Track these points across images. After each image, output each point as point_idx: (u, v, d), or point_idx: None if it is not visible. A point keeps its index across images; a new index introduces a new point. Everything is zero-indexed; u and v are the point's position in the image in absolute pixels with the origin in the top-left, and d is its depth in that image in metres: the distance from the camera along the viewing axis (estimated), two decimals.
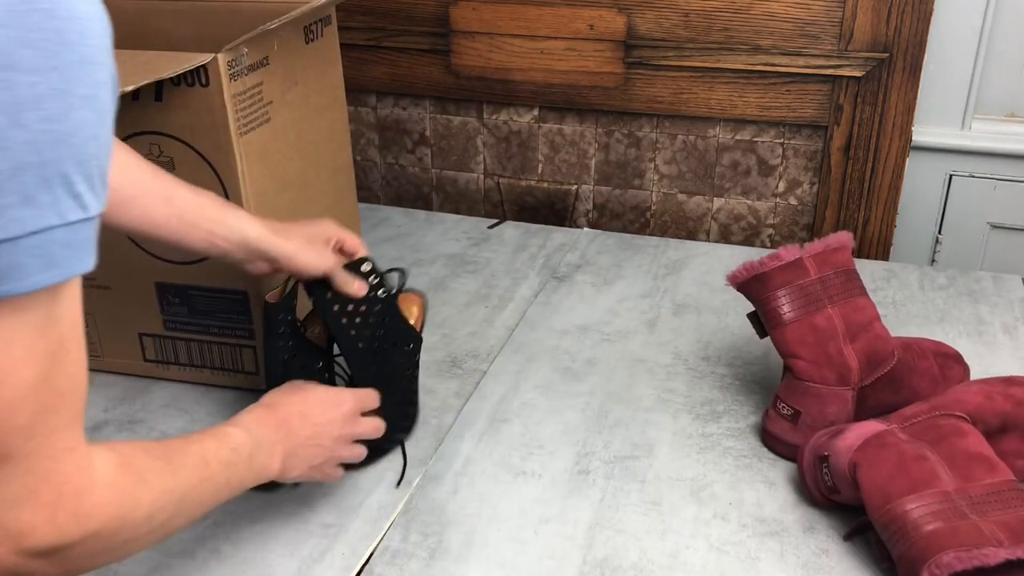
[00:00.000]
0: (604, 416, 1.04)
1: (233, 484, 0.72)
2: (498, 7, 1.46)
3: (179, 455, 0.66)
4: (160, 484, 0.61)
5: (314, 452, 0.81)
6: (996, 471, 0.81)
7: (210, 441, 0.70)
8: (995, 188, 1.43)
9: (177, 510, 0.64)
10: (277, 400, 0.81)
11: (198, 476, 0.66)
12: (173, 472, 0.63)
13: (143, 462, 0.61)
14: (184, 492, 0.64)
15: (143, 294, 1.05)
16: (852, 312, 0.95)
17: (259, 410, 0.79)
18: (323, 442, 0.81)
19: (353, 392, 0.87)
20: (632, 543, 0.86)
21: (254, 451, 0.74)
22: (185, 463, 0.66)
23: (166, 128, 0.95)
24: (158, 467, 0.62)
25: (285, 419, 0.79)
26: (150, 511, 0.60)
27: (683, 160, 1.50)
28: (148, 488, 0.60)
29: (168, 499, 0.62)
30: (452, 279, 1.34)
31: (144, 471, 0.60)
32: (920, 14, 1.31)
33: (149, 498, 0.60)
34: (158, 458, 0.63)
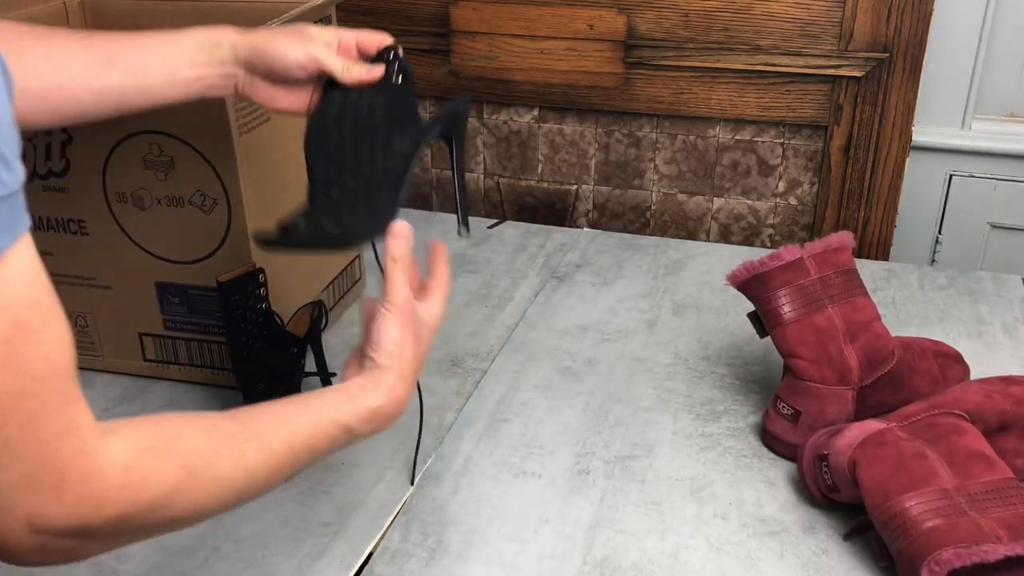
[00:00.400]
0: (604, 416, 1.04)
1: (325, 455, 0.68)
2: (498, 7, 1.46)
3: (255, 438, 0.62)
4: (210, 472, 0.58)
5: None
6: (995, 469, 0.81)
7: (306, 430, 0.65)
8: (995, 188, 1.43)
9: (242, 492, 0.61)
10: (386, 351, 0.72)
11: (276, 464, 0.63)
12: (235, 460, 0.60)
13: (193, 446, 0.58)
14: (251, 478, 0.61)
15: (143, 294, 1.05)
16: (852, 312, 0.95)
17: (374, 375, 0.71)
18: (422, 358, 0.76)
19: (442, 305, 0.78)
20: (632, 543, 0.86)
21: (358, 428, 0.69)
22: (261, 448, 0.62)
23: (166, 128, 0.95)
24: (213, 453, 0.59)
25: (397, 385, 0.72)
26: (191, 498, 0.57)
27: (683, 160, 1.50)
28: (190, 475, 0.57)
29: (222, 487, 0.59)
30: (452, 279, 1.33)
31: (190, 457, 0.57)
32: (920, 14, 1.32)
33: (190, 484, 0.57)
34: (221, 442, 0.60)
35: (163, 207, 0.99)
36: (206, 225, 0.99)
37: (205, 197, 0.98)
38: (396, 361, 0.71)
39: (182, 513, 0.57)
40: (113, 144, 0.98)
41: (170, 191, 0.98)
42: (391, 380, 0.71)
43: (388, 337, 0.72)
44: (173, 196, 0.99)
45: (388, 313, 0.72)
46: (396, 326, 0.72)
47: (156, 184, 0.99)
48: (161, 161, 0.97)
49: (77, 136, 0.98)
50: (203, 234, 1.00)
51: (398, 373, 0.71)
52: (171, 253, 1.02)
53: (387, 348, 0.71)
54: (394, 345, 0.71)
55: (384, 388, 0.70)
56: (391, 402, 0.70)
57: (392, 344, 0.71)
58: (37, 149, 1.00)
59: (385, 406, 0.70)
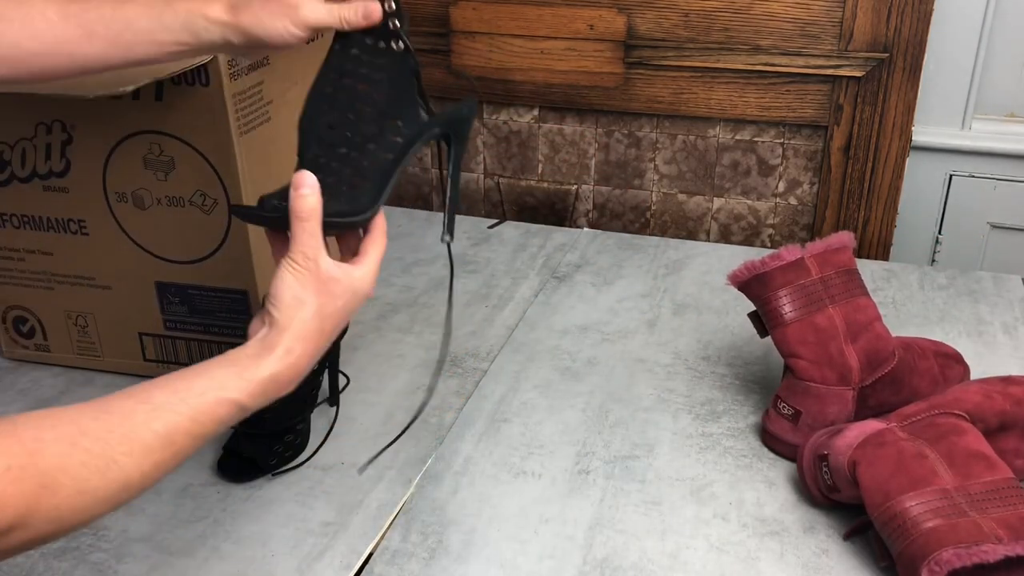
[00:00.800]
0: (604, 416, 1.04)
1: (214, 436, 0.63)
2: (498, 7, 1.46)
3: (125, 440, 0.57)
4: (74, 485, 0.54)
5: (335, 329, 0.71)
6: (995, 469, 0.81)
7: (186, 419, 0.60)
8: (995, 188, 1.43)
9: (116, 498, 0.57)
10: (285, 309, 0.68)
11: (152, 461, 0.58)
12: (104, 469, 0.55)
13: (55, 460, 0.54)
14: (124, 484, 0.57)
15: (143, 294, 1.05)
16: (853, 312, 0.95)
17: (269, 336, 0.67)
18: (347, 316, 0.71)
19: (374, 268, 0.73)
20: (632, 543, 0.86)
21: (250, 403, 0.65)
22: (132, 452, 0.57)
23: (166, 128, 0.95)
24: (80, 464, 0.54)
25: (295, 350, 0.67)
26: (55, 515, 0.53)
27: (683, 160, 1.50)
28: (52, 492, 0.53)
29: (90, 499, 0.55)
30: (454, 279, 1.34)
31: (51, 474, 0.53)
32: (920, 14, 1.32)
33: (52, 502, 0.53)
34: (88, 450, 0.55)
35: (163, 207, 0.99)
36: (206, 225, 0.99)
37: (205, 197, 0.98)
38: (294, 318, 0.67)
39: (46, 532, 0.54)
40: (113, 144, 0.98)
41: (170, 191, 0.98)
42: (287, 342, 0.66)
43: (288, 291, 0.67)
44: (173, 196, 0.99)
45: (290, 266, 0.68)
46: (297, 281, 0.67)
47: (156, 184, 0.98)
48: (161, 161, 0.97)
49: (77, 136, 0.98)
50: (203, 234, 1.00)
51: (295, 333, 0.66)
52: (171, 253, 1.02)
53: (285, 302, 0.67)
54: (294, 299, 0.67)
55: (278, 353, 0.65)
56: (286, 368, 0.66)
57: (292, 299, 0.67)
58: (37, 149, 1.00)
59: (280, 373, 0.65)
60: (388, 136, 0.78)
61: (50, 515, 0.53)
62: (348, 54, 0.79)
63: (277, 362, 0.65)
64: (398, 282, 1.33)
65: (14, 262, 1.07)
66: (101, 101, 0.95)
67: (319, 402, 1.04)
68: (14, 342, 1.13)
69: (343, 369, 1.10)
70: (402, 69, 0.79)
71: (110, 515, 0.89)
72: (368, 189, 0.75)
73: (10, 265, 1.07)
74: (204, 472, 0.96)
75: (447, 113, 0.82)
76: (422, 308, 1.26)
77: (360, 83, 0.79)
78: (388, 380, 1.10)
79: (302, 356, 0.67)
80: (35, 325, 1.11)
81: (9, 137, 1.00)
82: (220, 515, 0.90)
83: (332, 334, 0.70)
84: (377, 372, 1.12)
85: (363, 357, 1.15)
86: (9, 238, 1.06)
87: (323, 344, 0.69)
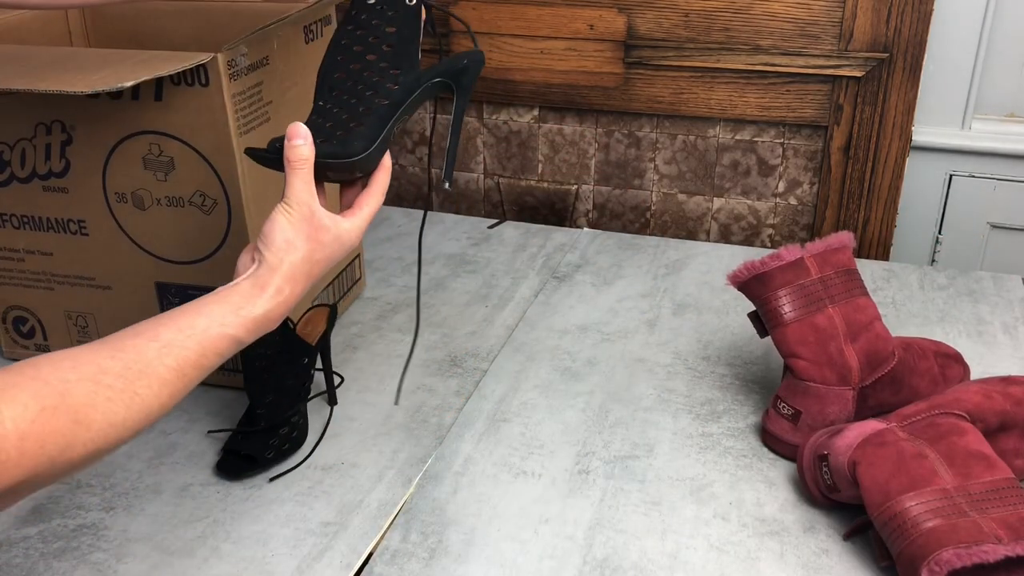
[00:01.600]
0: (604, 416, 1.04)
1: (214, 368, 0.68)
2: (498, 7, 1.46)
3: (142, 376, 0.61)
4: (105, 419, 0.59)
5: (319, 272, 0.76)
6: (995, 469, 0.81)
7: (194, 352, 0.65)
8: (995, 188, 1.43)
9: (139, 426, 0.61)
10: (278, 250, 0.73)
11: (168, 392, 0.63)
12: (128, 402, 0.60)
13: (84, 398, 0.58)
14: (146, 413, 0.61)
15: (143, 294, 1.05)
16: (853, 312, 0.95)
17: (262, 274, 0.72)
18: (333, 257, 0.77)
19: (367, 214, 0.79)
20: (632, 543, 0.86)
21: (246, 338, 0.70)
22: (151, 385, 0.62)
23: (166, 128, 0.95)
24: (106, 400, 0.59)
25: (289, 288, 0.73)
26: (92, 447, 0.58)
27: (683, 160, 1.50)
28: (86, 427, 0.57)
29: (119, 429, 0.60)
30: (452, 279, 1.34)
31: (82, 410, 0.57)
32: (920, 14, 1.32)
33: (87, 436, 0.57)
34: (111, 387, 0.59)
35: (163, 207, 0.99)
36: (206, 225, 0.99)
37: (205, 197, 0.98)
38: (284, 260, 0.72)
39: (83, 460, 0.58)
40: (113, 144, 0.98)
41: (170, 191, 0.98)
42: (277, 282, 0.71)
43: (280, 234, 0.72)
44: (173, 196, 0.99)
45: (283, 210, 0.73)
46: (290, 225, 0.73)
47: (156, 184, 0.98)
48: (161, 161, 0.97)
49: (77, 136, 0.98)
50: (203, 234, 1.00)
51: (284, 274, 0.72)
52: (171, 253, 1.02)
53: (277, 244, 0.72)
54: (284, 242, 0.72)
55: (270, 292, 0.71)
56: (276, 306, 0.71)
57: (283, 241, 0.72)
58: (37, 149, 1.00)
59: (271, 311, 0.71)
60: (386, 84, 0.81)
61: (87, 447, 0.58)
62: (365, 4, 0.82)
63: (269, 301, 0.71)
64: (398, 282, 1.33)
65: (14, 262, 1.07)
66: (101, 101, 0.95)
67: (313, 396, 1.04)
68: (14, 342, 1.13)
69: (340, 370, 1.10)
70: (411, 22, 0.82)
71: (110, 515, 0.89)
72: (361, 134, 0.78)
73: (10, 265, 1.07)
74: (204, 472, 0.96)
75: (445, 63, 0.85)
76: (422, 308, 1.26)
77: (372, 35, 0.82)
78: (388, 380, 1.10)
79: (290, 296, 0.72)
80: (35, 325, 1.11)
81: (9, 137, 1.00)
82: (220, 515, 0.90)
83: (317, 279, 0.75)
84: (377, 372, 1.12)
85: (363, 357, 1.15)
86: (9, 238, 1.06)
87: (307, 287, 0.74)
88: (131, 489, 0.93)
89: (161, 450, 0.99)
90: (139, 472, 0.96)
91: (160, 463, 0.97)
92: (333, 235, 0.75)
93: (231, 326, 0.68)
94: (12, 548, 0.86)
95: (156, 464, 0.97)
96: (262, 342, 0.94)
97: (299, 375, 0.99)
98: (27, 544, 0.86)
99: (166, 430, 1.02)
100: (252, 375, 0.95)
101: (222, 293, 0.70)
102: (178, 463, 0.97)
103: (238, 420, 0.99)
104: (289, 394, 0.98)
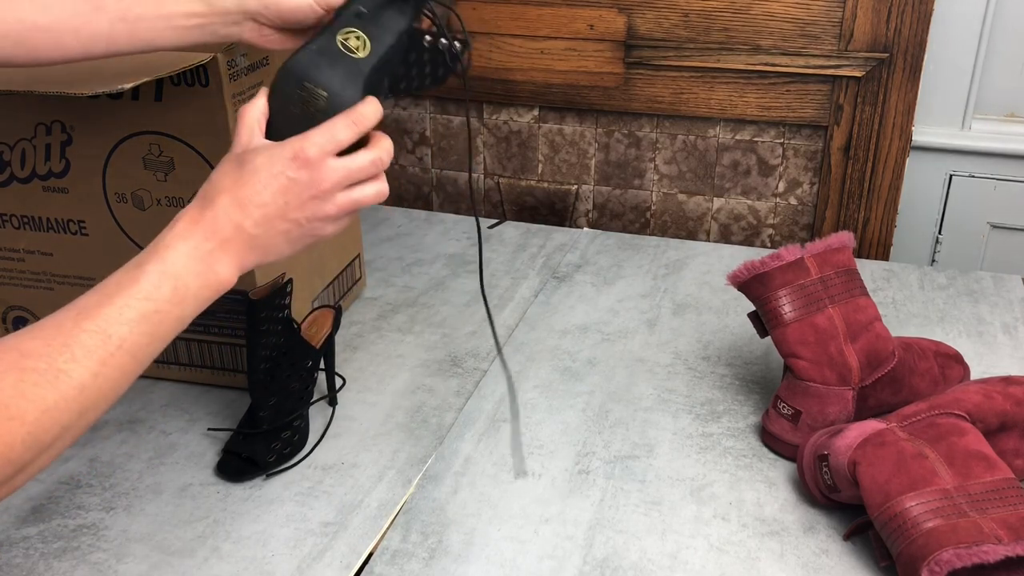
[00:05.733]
0: (604, 416, 1.04)
1: (163, 332, 0.62)
2: (498, 7, 1.46)
3: (64, 348, 0.57)
4: (36, 407, 0.55)
5: (284, 229, 0.66)
6: (995, 469, 0.81)
7: (113, 303, 0.60)
8: (995, 188, 1.43)
9: (80, 411, 0.57)
10: (207, 191, 0.66)
11: (97, 360, 0.58)
12: (54, 379, 0.55)
13: (9, 387, 0.54)
14: (79, 391, 0.57)
15: None
16: (853, 312, 0.95)
17: (188, 214, 0.65)
18: (288, 216, 0.66)
19: (310, 136, 0.67)
20: (632, 543, 0.86)
21: (179, 283, 0.63)
22: (74, 356, 0.57)
23: (166, 128, 0.95)
24: (30, 385, 0.55)
25: (214, 217, 0.65)
26: (30, 441, 0.54)
27: (683, 160, 1.50)
28: (19, 422, 0.54)
29: (54, 415, 0.56)
30: (452, 279, 1.34)
31: (9, 403, 0.54)
32: (920, 14, 1.32)
33: (23, 432, 0.54)
34: (33, 369, 0.55)
35: (163, 207, 0.99)
36: None
37: None
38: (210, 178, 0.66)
39: (30, 460, 0.55)
40: (113, 144, 0.98)
41: (170, 191, 0.98)
42: (185, 210, 0.65)
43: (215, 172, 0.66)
44: (173, 196, 0.99)
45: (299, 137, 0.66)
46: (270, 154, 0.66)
47: (156, 184, 0.98)
48: (161, 161, 0.97)
49: (77, 136, 0.98)
50: None
51: (195, 200, 0.65)
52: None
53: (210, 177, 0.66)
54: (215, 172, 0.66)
55: (187, 210, 0.65)
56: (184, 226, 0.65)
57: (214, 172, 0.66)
58: (37, 149, 1.00)
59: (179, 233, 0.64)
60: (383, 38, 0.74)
61: (27, 442, 0.54)
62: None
63: (184, 214, 0.65)
64: (398, 282, 1.33)
65: (14, 262, 1.07)
66: (101, 102, 0.95)
67: (315, 399, 1.04)
68: None
69: (340, 370, 1.10)
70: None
71: (110, 515, 0.89)
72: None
73: (10, 265, 1.07)
74: (204, 472, 0.96)
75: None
76: (422, 308, 1.26)
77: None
78: (388, 380, 1.10)
79: (201, 218, 0.65)
80: None
81: (9, 138, 1.00)
82: (220, 515, 0.90)
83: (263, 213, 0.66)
84: (377, 372, 1.12)
85: (363, 357, 1.15)
86: (9, 238, 1.06)
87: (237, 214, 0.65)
88: (131, 489, 0.93)
89: (161, 450, 0.99)
90: (139, 472, 0.96)
91: (160, 463, 0.97)
92: (265, 155, 0.66)
93: (141, 262, 0.63)
94: (12, 548, 0.86)
95: (156, 464, 0.97)
96: (266, 344, 0.94)
97: (303, 378, 0.99)
98: (27, 544, 0.86)
99: (166, 430, 1.02)
100: (256, 377, 0.95)
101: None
102: (178, 463, 0.97)
103: (239, 420, 0.99)
104: (292, 397, 0.98)
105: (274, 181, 0.65)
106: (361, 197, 0.69)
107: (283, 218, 0.66)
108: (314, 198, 0.67)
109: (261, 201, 0.65)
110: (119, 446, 0.99)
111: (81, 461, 0.97)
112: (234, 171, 0.66)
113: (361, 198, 0.69)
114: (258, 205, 0.65)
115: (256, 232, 0.66)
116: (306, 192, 0.66)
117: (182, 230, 0.64)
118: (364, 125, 0.69)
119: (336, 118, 0.68)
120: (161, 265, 0.63)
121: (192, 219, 0.65)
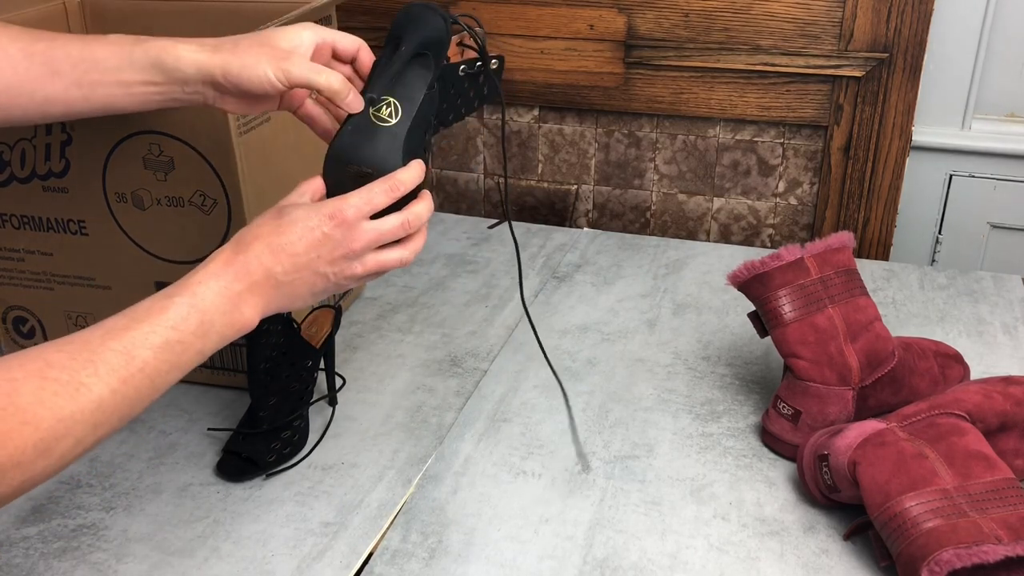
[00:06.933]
0: (604, 416, 1.04)
1: (183, 363, 0.65)
2: (498, 7, 1.46)
3: (89, 363, 0.59)
4: (52, 415, 0.57)
5: (310, 281, 0.71)
6: (995, 469, 0.81)
7: (140, 327, 0.63)
8: (995, 188, 1.43)
9: (94, 425, 0.59)
10: (244, 235, 0.71)
11: (118, 378, 0.60)
12: (75, 391, 0.58)
13: (29, 394, 0.56)
14: (96, 405, 0.59)
15: (143, 294, 1.04)
16: (853, 312, 0.95)
17: (223, 255, 0.70)
18: (318, 269, 0.71)
19: (348, 198, 0.72)
20: (632, 543, 0.86)
21: (205, 318, 0.66)
22: (97, 371, 0.59)
23: (166, 128, 0.95)
24: (50, 394, 0.57)
25: (247, 260, 0.69)
26: (41, 447, 0.56)
27: (683, 160, 1.50)
28: (33, 427, 0.55)
29: (68, 426, 0.57)
30: (452, 279, 1.34)
31: (27, 408, 0.56)
32: (920, 14, 1.32)
33: (35, 437, 0.56)
34: (55, 379, 0.58)
35: (163, 207, 0.99)
36: (206, 225, 0.99)
37: (205, 197, 0.98)
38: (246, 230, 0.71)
39: (40, 466, 0.57)
40: (113, 144, 0.98)
41: (170, 191, 0.98)
42: (221, 251, 0.70)
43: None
44: (173, 196, 0.99)
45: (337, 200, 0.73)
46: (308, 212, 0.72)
47: (156, 184, 0.98)
48: (161, 161, 0.97)
49: (77, 136, 0.98)
50: (203, 234, 1.00)
51: (232, 242, 0.70)
52: (171, 253, 1.02)
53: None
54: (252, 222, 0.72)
55: (221, 252, 0.70)
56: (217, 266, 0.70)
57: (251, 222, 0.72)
58: (37, 149, 1.00)
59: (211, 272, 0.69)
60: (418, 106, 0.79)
61: (38, 448, 0.56)
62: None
63: (218, 254, 0.69)
64: (398, 282, 1.33)
65: (14, 262, 1.07)
66: None
67: (315, 399, 1.04)
68: (14, 342, 1.13)
69: (340, 370, 1.10)
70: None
71: (110, 515, 0.89)
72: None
73: (10, 265, 1.07)
74: (204, 472, 0.96)
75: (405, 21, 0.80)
76: (422, 308, 1.26)
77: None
78: (388, 380, 1.10)
79: (234, 260, 0.69)
80: (35, 325, 1.11)
81: (9, 137, 1.00)
82: (220, 515, 0.90)
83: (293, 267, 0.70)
84: (377, 372, 1.12)
85: (363, 357, 1.15)
86: (9, 238, 1.06)
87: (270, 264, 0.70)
88: (131, 489, 0.93)
89: (161, 450, 0.99)
90: (139, 472, 0.96)
91: (160, 463, 0.97)
92: (298, 211, 0.71)
93: (172, 294, 0.66)
94: (12, 548, 0.86)
95: (156, 464, 0.97)
96: (267, 344, 0.94)
97: (303, 378, 0.99)
98: (27, 544, 0.86)
99: (166, 430, 1.02)
100: (256, 377, 0.95)
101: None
102: (178, 463, 0.97)
103: (239, 420, 0.99)
104: (292, 398, 0.98)
105: (309, 234, 0.70)
106: (387, 261, 0.75)
107: (312, 270, 0.71)
108: (345, 256, 0.72)
109: (294, 251, 0.70)
110: (119, 446, 0.99)
111: (81, 461, 0.97)
112: (273, 220, 0.71)
113: (386, 261, 0.75)
114: (291, 254, 0.70)
115: (285, 280, 0.70)
116: (338, 250, 0.72)
117: (215, 269, 0.69)
118: (400, 190, 0.74)
119: (376, 182, 0.74)
120: (191, 299, 0.67)
121: (226, 260, 0.69)
